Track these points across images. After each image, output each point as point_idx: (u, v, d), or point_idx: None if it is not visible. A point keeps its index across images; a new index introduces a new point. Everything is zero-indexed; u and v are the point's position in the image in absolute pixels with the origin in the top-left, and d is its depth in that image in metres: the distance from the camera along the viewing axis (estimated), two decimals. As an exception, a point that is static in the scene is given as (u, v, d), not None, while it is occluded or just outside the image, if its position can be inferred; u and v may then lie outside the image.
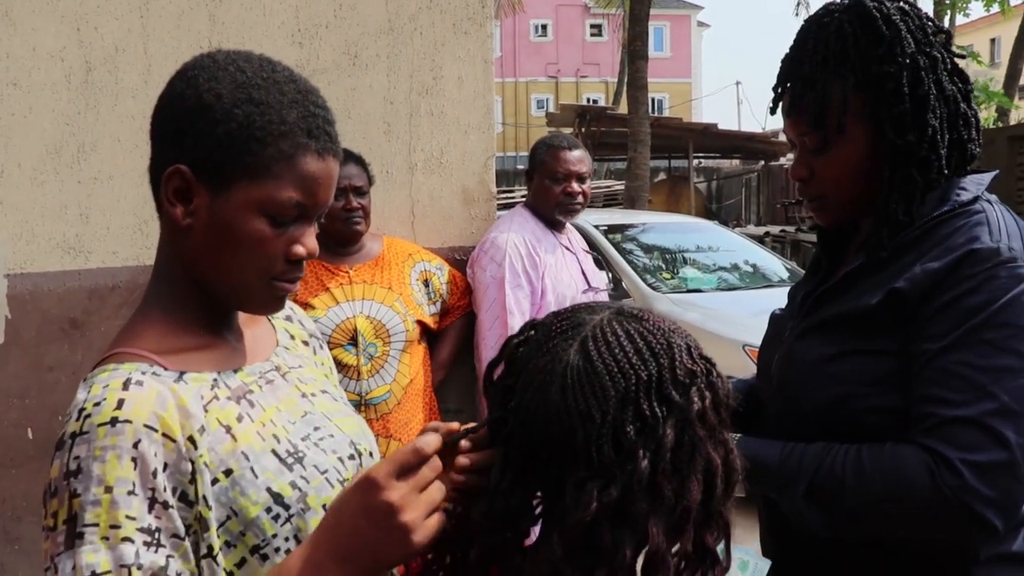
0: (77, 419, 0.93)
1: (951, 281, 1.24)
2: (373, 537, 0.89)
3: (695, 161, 20.35)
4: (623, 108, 17.50)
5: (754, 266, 7.25)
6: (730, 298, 6.26)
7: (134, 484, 0.91)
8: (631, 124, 12.74)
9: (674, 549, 0.87)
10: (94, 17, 2.60)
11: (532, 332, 0.97)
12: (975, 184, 1.35)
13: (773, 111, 1.48)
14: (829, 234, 1.55)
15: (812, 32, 1.38)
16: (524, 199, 3.21)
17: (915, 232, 1.33)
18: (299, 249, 1.04)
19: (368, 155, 2.68)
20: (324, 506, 1.02)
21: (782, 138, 19.87)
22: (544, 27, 43.11)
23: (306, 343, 1.28)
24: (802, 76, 1.37)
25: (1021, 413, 1.19)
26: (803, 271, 8.37)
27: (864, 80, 1.33)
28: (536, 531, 0.97)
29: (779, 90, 1.44)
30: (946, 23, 17.04)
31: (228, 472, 0.99)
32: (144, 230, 2.63)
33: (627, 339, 0.90)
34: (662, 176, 21.45)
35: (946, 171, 1.35)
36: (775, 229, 14.22)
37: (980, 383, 1.19)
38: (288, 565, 0.93)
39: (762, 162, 20.69)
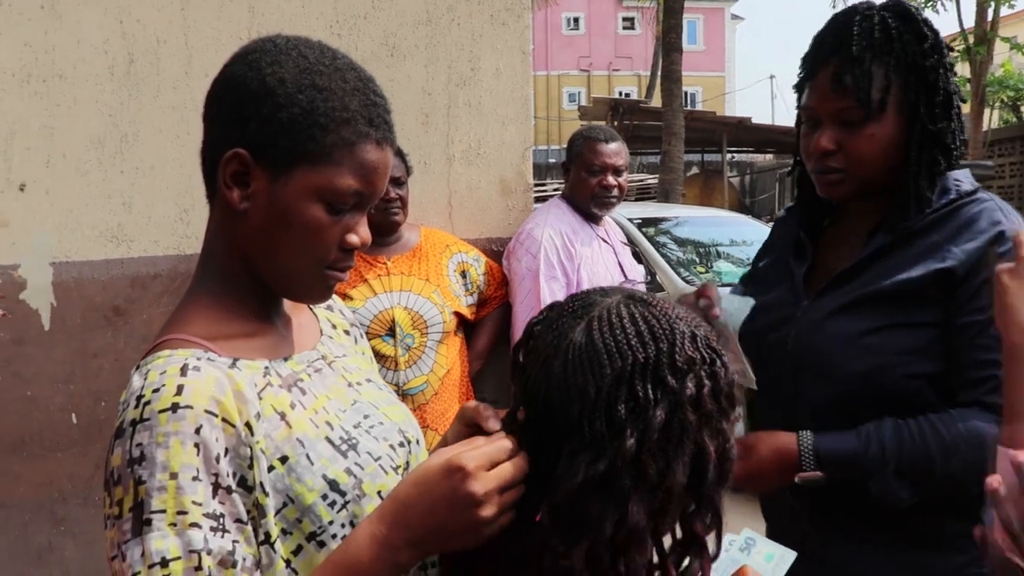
0: (136, 406, 0.92)
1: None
2: (449, 523, 0.90)
3: (728, 155, 20.20)
4: (656, 101, 17.43)
5: (788, 260, 7.17)
6: (764, 292, 6.20)
7: (198, 470, 0.90)
8: (665, 117, 12.69)
9: (659, 530, 0.90)
10: (136, 9, 2.63)
11: (549, 312, 0.99)
12: (966, 176, 1.53)
13: (799, 87, 1.58)
14: (809, 217, 1.69)
15: (854, 21, 1.50)
16: (559, 191, 3.21)
17: (932, 215, 1.48)
18: (353, 238, 1.04)
19: (406, 146, 2.69)
20: (379, 493, 1.02)
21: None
22: (576, 20, 42.98)
23: (347, 332, 1.28)
24: (850, 56, 1.47)
25: None
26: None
27: (906, 69, 1.48)
28: None
29: (811, 68, 1.55)
30: (990, 15, 16.75)
31: (284, 459, 0.99)
32: (185, 219, 2.67)
33: (630, 321, 0.92)
34: (695, 170, 21.34)
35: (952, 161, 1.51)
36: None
37: None
38: (356, 543, 0.93)
39: (796, 156, 20.49)
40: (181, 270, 2.65)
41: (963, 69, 20.33)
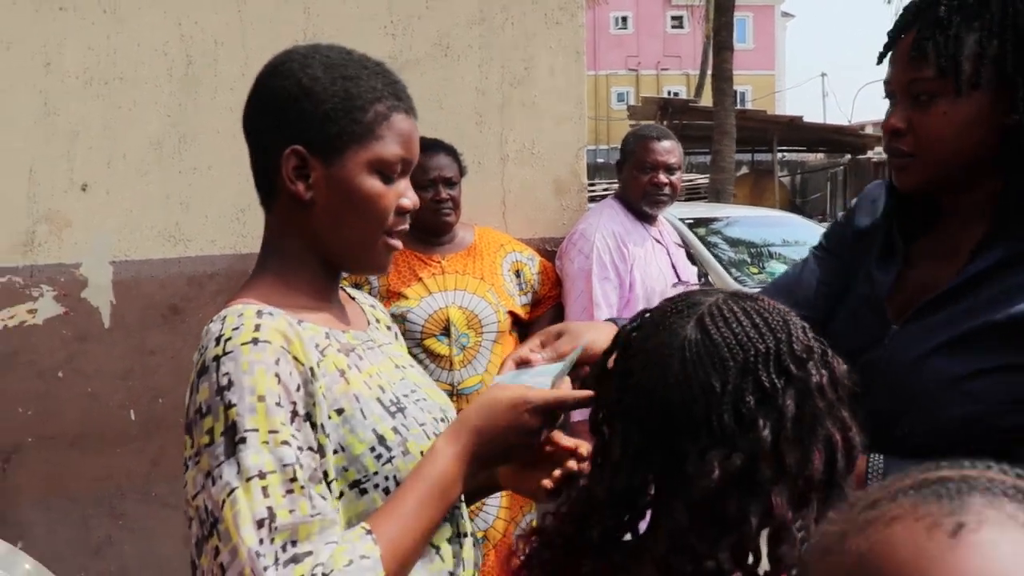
0: (218, 344, 1.00)
1: None
2: (512, 444, 1.11)
3: (779, 154, 19.97)
4: (706, 100, 17.27)
5: (840, 261, 7.07)
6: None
7: (280, 396, 0.99)
8: (716, 116, 12.59)
9: (799, 523, 0.88)
10: (195, 12, 2.67)
11: (647, 316, 1.00)
12: None
13: (880, 60, 1.34)
14: (901, 214, 1.40)
15: None
16: (608, 192, 3.18)
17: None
18: (406, 201, 1.16)
19: (460, 145, 2.69)
20: (421, 452, 1.12)
21: (869, 131, 19.37)
22: (624, 19, 42.80)
23: (389, 328, 1.39)
24: (936, 18, 1.22)
25: None
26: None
27: (1010, 34, 1.19)
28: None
29: (897, 35, 1.29)
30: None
31: (340, 411, 1.08)
32: (241, 219, 2.69)
33: (744, 315, 0.93)
34: (745, 170, 21.12)
35: None
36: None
37: None
38: (436, 459, 1.08)
39: (848, 156, 20.21)
40: (237, 269, 2.68)
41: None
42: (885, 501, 0.50)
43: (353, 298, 1.34)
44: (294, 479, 0.96)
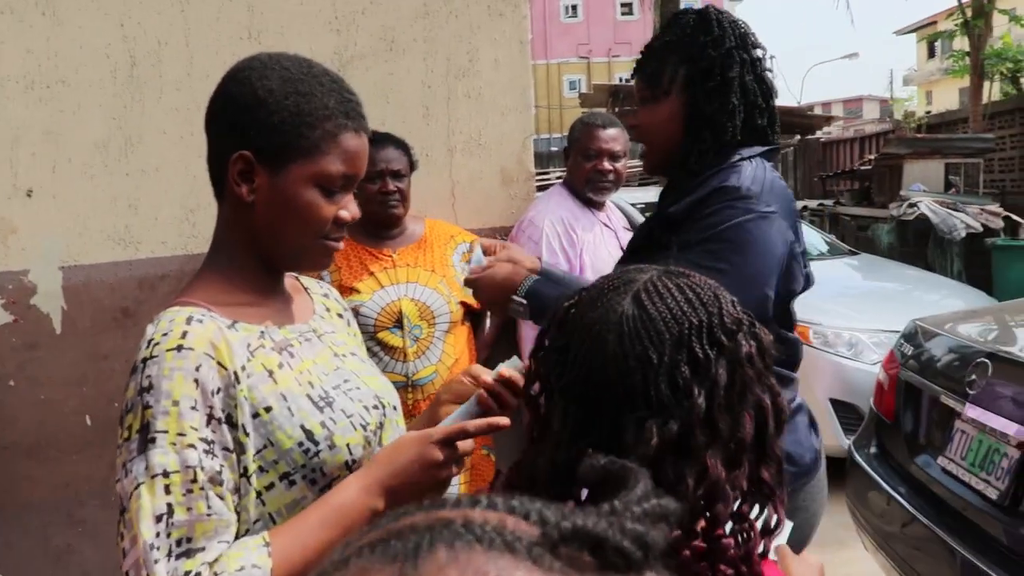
0: (147, 348, 1.09)
1: (699, 204, 1.71)
2: (420, 477, 1.15)
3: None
4: (656, 86, 17.25)
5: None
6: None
7: (196, 400, 1.06)
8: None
9: (732, 482, 0.94)
10: (137, 12, 2.65)
11: (583, 293, 1.05)
12: (752, 151, 1.79)
13: (631, 78, 1.93)
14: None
15: (671, 21, 1.87)
16: (562, 179, 3.22)
17: (698, 180, 1.76)
18: (345, 214, 1.22)
19: (408, 138, 2.71)
20: (348, 445, 1.20)
21: (818, 111, 19.59)
22: (574, 8, 42.84)
23: (340, 316, 1.45)
24: (650, 47, 1.85)
25: None
26: (843, 244, 8.29)
27: (690, 60, 1.78)
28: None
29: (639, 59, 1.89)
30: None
31: (268, 408, 1.14)
32: (191, 219, 2.69)
33: (677, 291, 0.98)
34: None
35: (737, 139, 1.77)
36: (813, 203, 14.06)
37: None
38: (345, 490, 1.14)
39: (798, 136, 20.42)
40: (188, 270, 2.66)
41: (962, 43, 20.19)
42: (352, 558, 0.40)
43: (306, 288, 1.40)
44: (195, 480, 1.04)
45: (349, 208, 1.22)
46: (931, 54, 41.98)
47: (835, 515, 2.93)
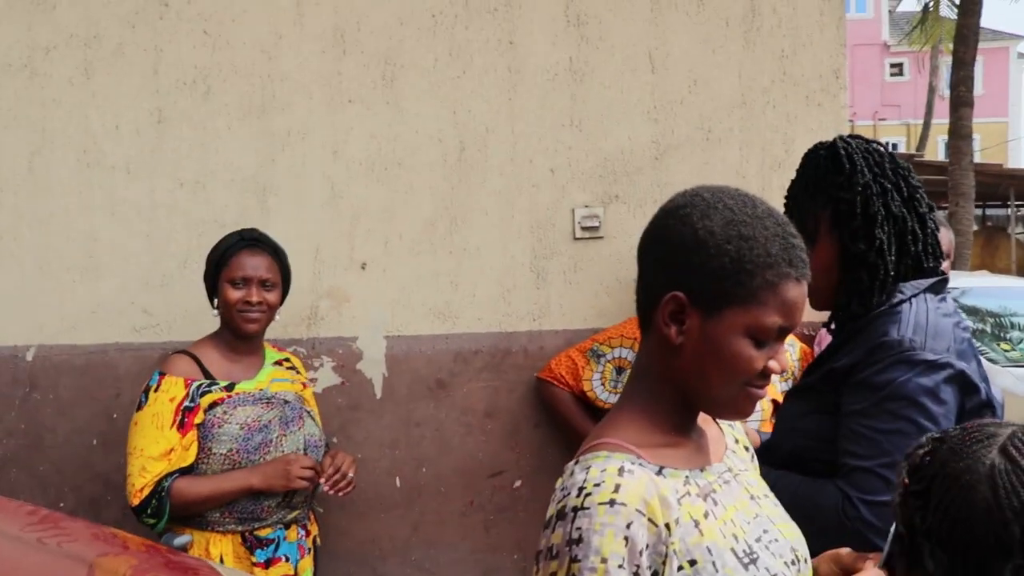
0: (578, 496, 1.08)
1: (864, 364, 1.64)
2: None
3: (1016, 210, 18.55)
4: (930, 154, 16.35)
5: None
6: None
7: (623, 559, 1.05)
8: (952, 175, 11.86)
9: None
10: (468, 100, 2.82)
11: (938, 443, 1.12)
12: (912, 288, 1.69)
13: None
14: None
15: (802, 163, 1.80)
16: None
17: (861, 323, 1.69)
18: (774, 364, 1.15)
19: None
20: None
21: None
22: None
23: (747, 448, 1.38)
24: (791, 195, 1.81)
25: None
26: None
27: (829, 202, 1.72)
28: None
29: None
30: None
31: (692, 562, 1.10)
32: (507, 298, 2.80)
33: None
34: (975, 226, 19.76)
35: (892, 274, 1.68)
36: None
37: (879, 442, 1.58)
38: None
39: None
40: (501, 347, 2.78)
41: None
42: None
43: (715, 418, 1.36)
44: None
45: (778, 359, 1.16)
46: None
47: None
